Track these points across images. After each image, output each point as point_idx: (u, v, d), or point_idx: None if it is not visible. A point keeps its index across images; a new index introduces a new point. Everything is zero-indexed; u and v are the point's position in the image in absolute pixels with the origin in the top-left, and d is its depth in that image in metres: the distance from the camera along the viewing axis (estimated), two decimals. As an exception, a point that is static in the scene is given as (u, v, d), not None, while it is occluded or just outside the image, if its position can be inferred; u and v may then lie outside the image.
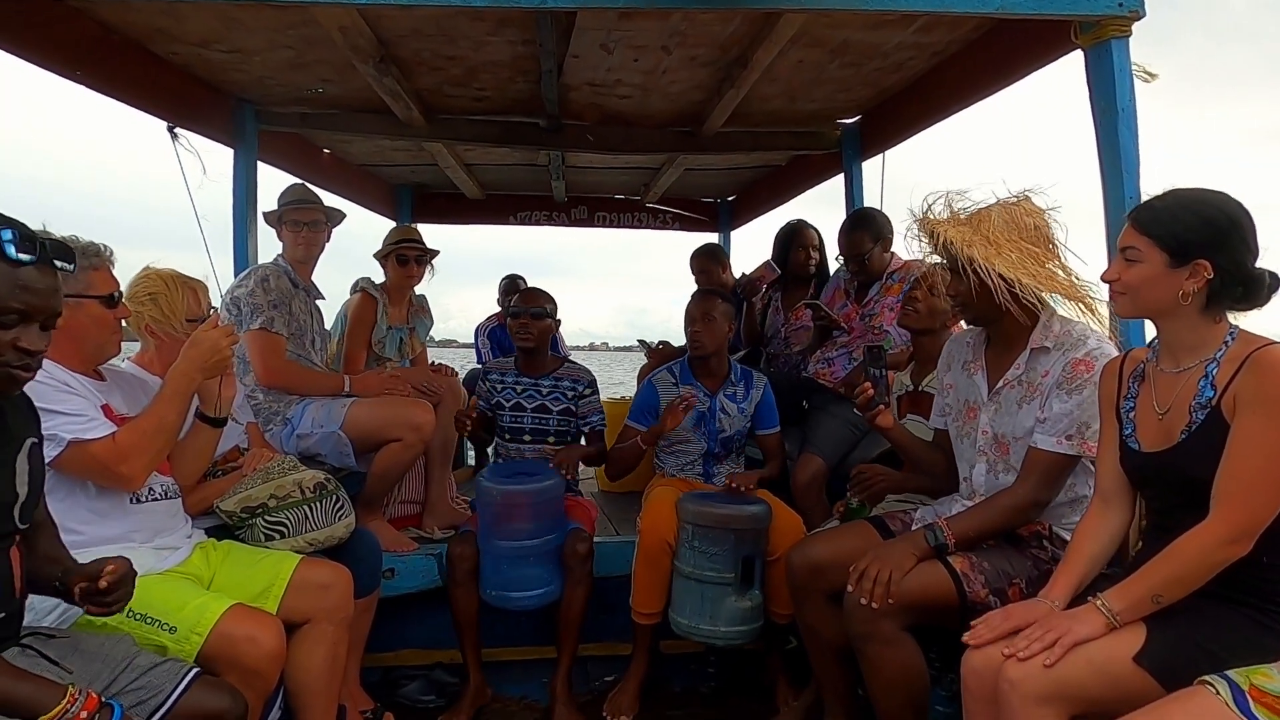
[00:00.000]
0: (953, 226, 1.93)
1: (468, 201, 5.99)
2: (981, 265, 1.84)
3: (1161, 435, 1.61)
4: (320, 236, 3.09)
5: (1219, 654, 1.41)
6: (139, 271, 2.29)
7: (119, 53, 2.91)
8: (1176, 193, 1.61)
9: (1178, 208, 1.58)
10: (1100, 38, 2.27)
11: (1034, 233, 1.92)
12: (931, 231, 1.97)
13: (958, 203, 1.98)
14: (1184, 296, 1.56)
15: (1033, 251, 1.88)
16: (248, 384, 2.80)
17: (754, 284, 4.07)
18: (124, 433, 1.84)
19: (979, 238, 1.88)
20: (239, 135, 3.64)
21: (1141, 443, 1.65)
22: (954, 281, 2.03)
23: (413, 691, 2.82)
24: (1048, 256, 1.91)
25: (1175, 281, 1.56)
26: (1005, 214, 1.93)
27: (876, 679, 1.98)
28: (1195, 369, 1.58)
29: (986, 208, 1.96)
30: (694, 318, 3.00)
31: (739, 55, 3.00)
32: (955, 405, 2.22)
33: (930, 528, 1.99)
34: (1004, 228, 1.90)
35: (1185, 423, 1.56)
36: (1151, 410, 1.64)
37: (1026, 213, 1.94)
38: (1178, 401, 1.59)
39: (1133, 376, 1.71)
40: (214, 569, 2.06)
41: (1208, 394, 1.53)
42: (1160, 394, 1.63)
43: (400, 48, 2.99)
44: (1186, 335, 1.60)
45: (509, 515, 2.60)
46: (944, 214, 1.98)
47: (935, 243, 1.98)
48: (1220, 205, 1.56)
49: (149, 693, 1.55)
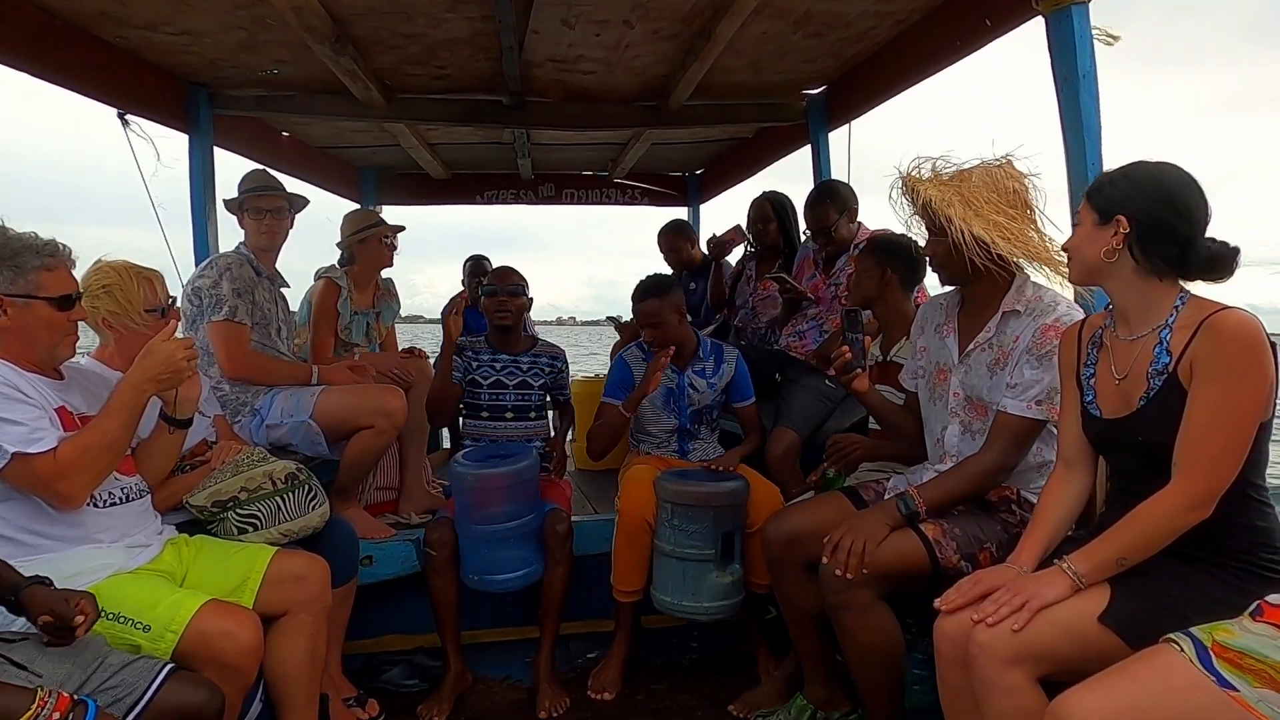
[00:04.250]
0: (933, 186, 1.94)
1: (433, 182, 5.92)
2: (958, 225, 1.85)
3: (1121, 401, 1.63)
4: (283, 224, 3.02)
5: (1181, 611, 1.44)
6: (90, 265, 2.22)
7: (64, 38, 2.81)
8: (1125, 164, 1.64)
9: (1116, 173, 1.63)
10: (1060, 3, 2.27)
11: (1012, 196, 1.93)
12: (913, 189, 1.99)
13: (942, 165, 1.99)
14: (1108, 253, 1.59)
15: (1009, 214, 1.90)
16: (213, 376, 2.75)
17: (724, 245, 4.07)
18: (66, 448, 1.76)
19: (958, 198, 1.90)
20: (193, 121, 3.56)
21: (1102, 409, 1.67)
22: (931, 241, 2.04)
23: (395, 676, 2.82)
24: (1024, 221, 1.92)
25: (1101, 238, 1.60)
26: (986, 175, 1.94)
27: (853, 647, 2.02)
28: (1149, 336, 1.60)
29: (969, 169, 1.96)
30: (639, 324, 2.99)
31: (702, 28, 2.97)
32: (928, 368, 2.24)
33: (902, 496, 2.02)
34: (983, 189, 1.91)
35: (1143, 389, 1.58)
36: (1110, 376, 1.66)
37: (1007, 175, 1.95)
38: (1135, 368, 1.61)
39: (1091, 343, 1.74)
40: (187, 565, 2.03)
41: (1164, 360, 1.56)
42: (1118, 361, 1.65)
43: (356, 26, 2.93)
44: (1132, 299, 1.62)
45: (485, 499, 2.58)
46: (926, 174, 1.99)
47: (916, 202, 2.00)
48: (1152, 169, 1.59)
49: (124, 690, 1.53)
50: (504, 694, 2.77)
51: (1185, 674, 1.29)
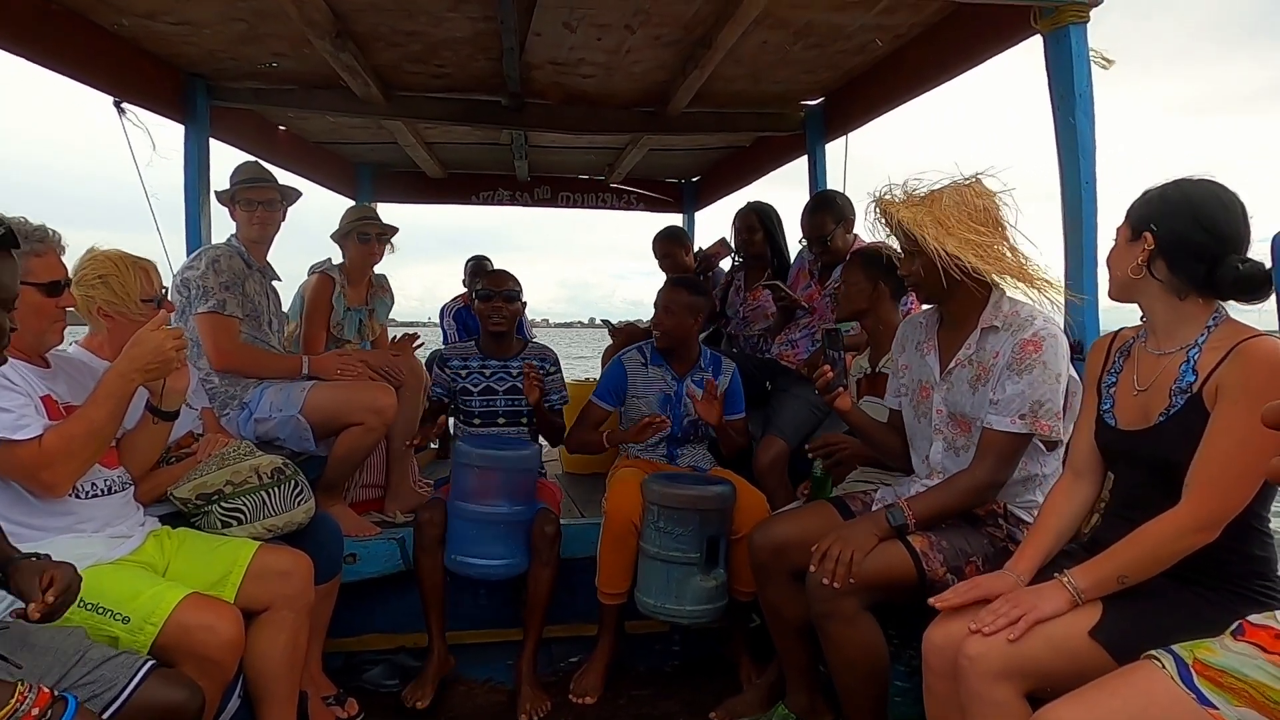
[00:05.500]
0: (906, 207, 1.97)
1: (429, 180, 5.90)
2: (932, 245, 1.88)
3: (1138, 414, 1.63)
4: (275, 216, 3.01)
5: (1172, 631, 1.44)
6: (84, 254, 2.20)
7: (62, 24, 2.79)
8: (1171, 181, 1.63)
9: (1155, 190, 1.63)
10: (1059, 23, 2.31)
11: (982, 214, 1.95)
12: (886, 211, 2.02)
13: (914, 185, 2.02)
14: (1135, 269, 1.60)
15: (980, 231, 1.92)
16: (201, 368, 2.73)
17: (710, 259, 4.10)
18: (51, 437, 1.75)
19: (930, 218, 1.92)
20: (189, 111, 3.53)
21: (1118, 419, 1.67)
22: (906, 260, 2.08)
23: (376, 676, 2.81)
24: (995, 238, 1.94)
25: (1131, 254, 1.61)
26: (956, 195, 1.97)
27: (838, 656, 2.02)
28: (1177, 354, 1.59)
29: (940, 189, 1.99)
30: (658, 307, 3.02)
31: (703, 35, 2.98)
32: (910, 385, 2.25)
33: (891, 508, 2.02)
34: (954, 208, 1.94)
35: (1164, 405, 1.58)
36: (1131, 387, 1.66)
37: (977, 194, 1.97)
38: (1158, 382, 1.61)
39: (1119, 351, 1.74)
40: (169, 557, 2.01)
41: (1189, 379, 1.55)
42: (1141, 373, 1.65)
43: (357, 22, 2.92)
44: (1161, 315, 1.62)
45: (484, 480, 2.62)
46: (899, 196, 2.02)
47: (890, 223, 2.03)
48: (1188, 186, 1.59)
49: (102, 686, 1.51)
50: (485, 696, 2.77)
51: (1166, 691, 1.29)
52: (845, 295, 2.73)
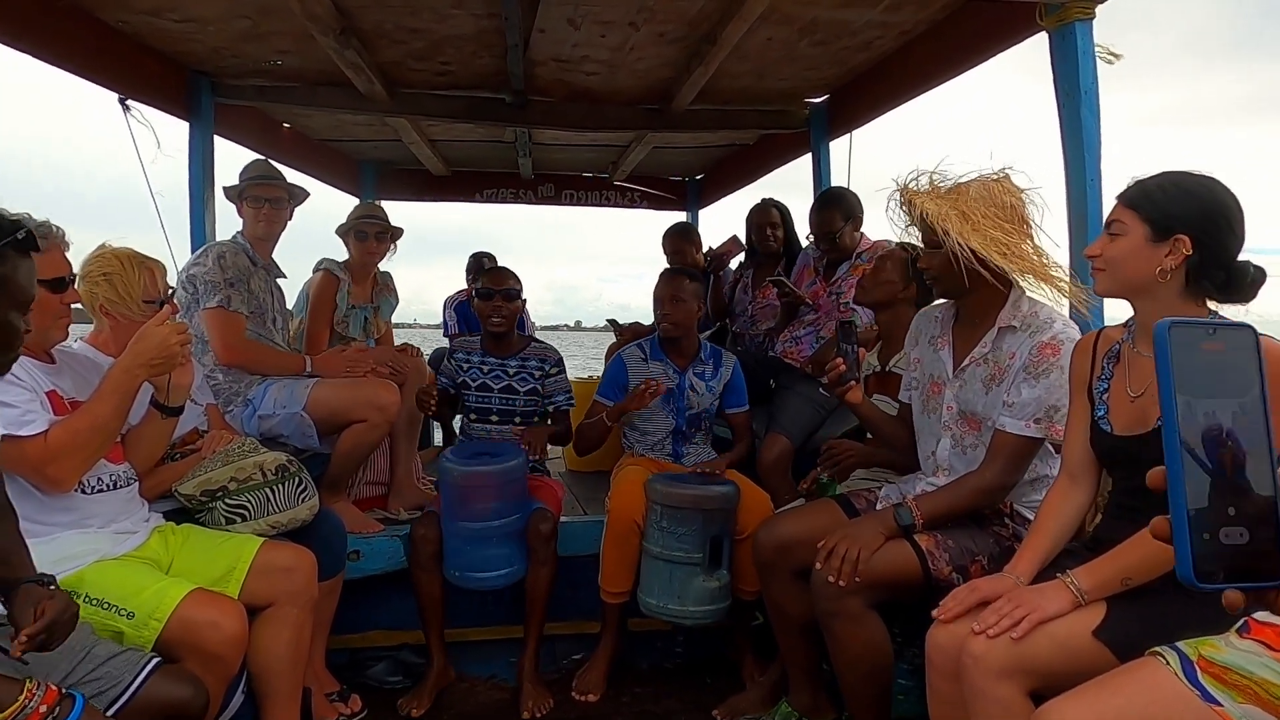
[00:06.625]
0: (930, 199, 1.93)
1: (432, 178, 5.90)
2: (955, 239, 1.84)
3: (1135, 419, 1.61)
4: (282, 214, 3.01)
5: (1175, 630, 1.43)
6: (94, 250, 2.21)
7: (66, 20, 2.79)
8: (1166, 172, 1.59)
9: (1166, 183, 1.57)
10: (1064, 20, 2.30)
11: (1009, 211, 1.91)
12: (910, 202, 1.98)
13: (939, 178, 1.98)
14: (1162, 273, 1.54)
15: (1006, 228, 1.88)
16: (206, 364, 2.73)
17: (721, 258, 4.09)
18: (57, 432, 1.75)
19: (955, 212, 1.88)
20: (194, 108, 3.54)
21: (1114, 425, 1.65)
22: (928, 254, 2.03)
23: (379, 672, 2.81)
24: (1020, 236, 1.90)
25: (1155, 256, 1.55)
26: (983, 189, 1.92)
27: (842, 655, 2.01)
28: None
29: (966, 182, 1.95)
30: (663, 298, 3.00)
31: (708, 32, 2.97)
32: (921, 380, 2.23)
33: (899, 507, 2.01)
34: (980, 203, 1.89)
35: None
36: (1125, 392, 1.64)
37: (1004, 190, 1.93)
38: (1154, 387, 1.59)
39: (1107, 356, 1.71)
40: (173, 553, 2.02)
41: None
42: (1134, 377, 1.63)
43: (361, 19, 2.92)
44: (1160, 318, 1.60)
45: (471, 496, 2.57)
46: (924, 187, 1.98)
47: (913, 214, 1.99)
48: (1208, 185, 1.55)
49: (108, 683, 1.51)
50: (488, 693, 2.76)
51: (1170, 687, 1.29)
52: (875, 282, 2.67)
